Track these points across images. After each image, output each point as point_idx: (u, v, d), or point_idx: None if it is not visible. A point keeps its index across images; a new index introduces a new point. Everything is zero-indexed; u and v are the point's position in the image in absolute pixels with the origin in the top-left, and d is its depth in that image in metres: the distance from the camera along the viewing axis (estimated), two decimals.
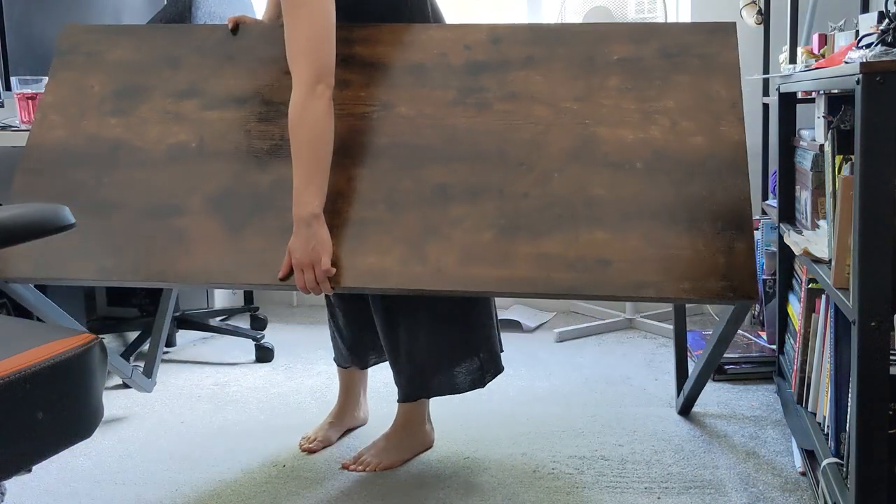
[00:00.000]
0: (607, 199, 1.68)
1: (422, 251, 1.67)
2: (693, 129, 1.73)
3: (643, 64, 1.81)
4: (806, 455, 1.83)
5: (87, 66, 1.98)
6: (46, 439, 1.04)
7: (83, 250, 1.77)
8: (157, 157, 1.85)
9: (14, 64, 2.50)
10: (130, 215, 1.80)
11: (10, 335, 1.13)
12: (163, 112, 1.90)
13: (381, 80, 1.86)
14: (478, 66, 1.85)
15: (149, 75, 1.95)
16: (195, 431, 2.20)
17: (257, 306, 3.38)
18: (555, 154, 1.73)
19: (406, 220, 1.71)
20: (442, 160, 1.76)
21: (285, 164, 1.78)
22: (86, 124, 1.91)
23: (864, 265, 1.30)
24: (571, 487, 1.83)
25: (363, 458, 1.96)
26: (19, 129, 2.37)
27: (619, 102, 1.78)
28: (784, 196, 2.19)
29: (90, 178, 1.85)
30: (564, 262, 1.62)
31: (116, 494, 1.86)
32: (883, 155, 1.28)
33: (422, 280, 1.64)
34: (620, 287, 1.60)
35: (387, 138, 1.79)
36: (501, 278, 1.62)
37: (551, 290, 1.60)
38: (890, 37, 1.48)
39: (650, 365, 2.63)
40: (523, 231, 1.67)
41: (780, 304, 2.27)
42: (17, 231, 1.07)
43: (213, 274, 1.71)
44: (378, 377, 2.52)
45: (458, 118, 1.80)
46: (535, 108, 1.79)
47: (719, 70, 1.79)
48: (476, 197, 1.71)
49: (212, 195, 1.79)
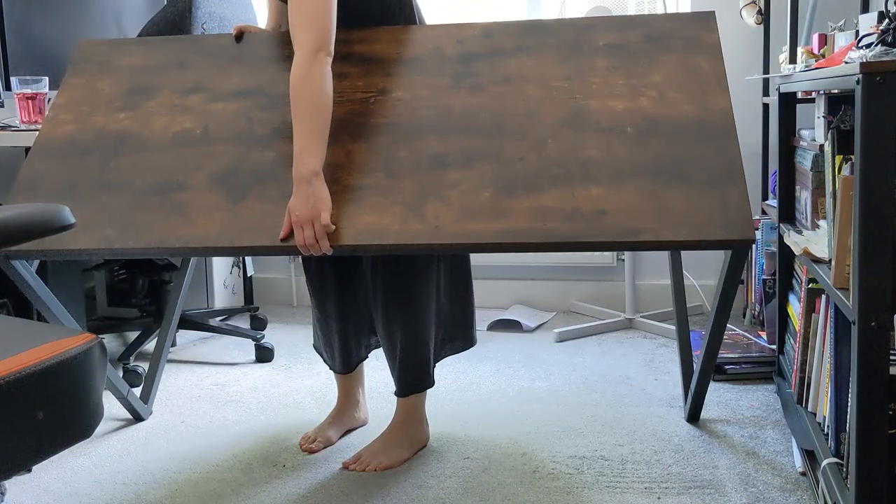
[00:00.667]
0: (601, 159, 1.72)
1: (420, 211, 1.69)
2: (681, 99, 1.80)
3: (629, 48, 1.90)
4: (806, 455, 1.83)
5: (98, 72, 2.05)
6: (46, 439, 1.04)
7: (86, 224, 1.80)
8: (162, 144, 1.90)
9: (14, 64, 2.50)
10: (134, 193, 1.83)
11: (10, 335, 1.13)
12: (170, 106, 1.96)
13: (378, 71, 1.92)
14: (471, 56, 1.93)
15: (157, 76, 2.02)
16: (195, 431, 2.20)
17: (257, 306, 3.38)
18: (548, 123, 1.79)
19: (403, 185, 1.73)
20: (438, 134, 1.80)
21: (287, 143, 1.82)
22: (95, 119, 1.96)
23: (864, 265, 1.30)
24: (571, 487, 1.83)
25: (363, 459, 1.96)
26: (19, 128, 2.36)
27: (607, 79, 1.85)
28: (784, 196, 2.19)
29: (96, 163, 1.89)
30: (561, 213, 1.65)
31: (116, 494, 1.86)
32: (883, 155, 1.28)
33: (420, 236, 1.66)
34: (617, 233, 1.61)
35: (384, 118, 1.84)
36: (499, 230, 1.64)
37: (549, 238, 1.62)
38: (890, 37, 1.48)
39: (650, 365, 2.63)
40: (520, 189, 1.69)
41: (780, 304, 2.27)
42: (17, 231, 1.07)
43: (214, 239, 1.73)
44: (378, 377, 2.52)
45: (454, 99, 1.86)
46: (527, 87, 1.86)
47: (702, 50, 1.88)
48: (472, 163, 1.75)
49: (214, 173, 1.82)
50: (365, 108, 1.86)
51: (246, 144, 1.87)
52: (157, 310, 2.89)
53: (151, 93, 1.99)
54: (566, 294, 3.35)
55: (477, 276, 3.40)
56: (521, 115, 1.81)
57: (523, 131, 1.78)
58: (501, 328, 3.10)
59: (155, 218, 1.78)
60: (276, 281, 3.63)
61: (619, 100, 1.81)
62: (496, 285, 3.39)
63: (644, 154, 1.72)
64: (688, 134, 1.74)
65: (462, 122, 1.81)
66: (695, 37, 1.90)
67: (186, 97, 1.96)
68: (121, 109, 1.97)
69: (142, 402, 2.31)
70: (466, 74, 1.89)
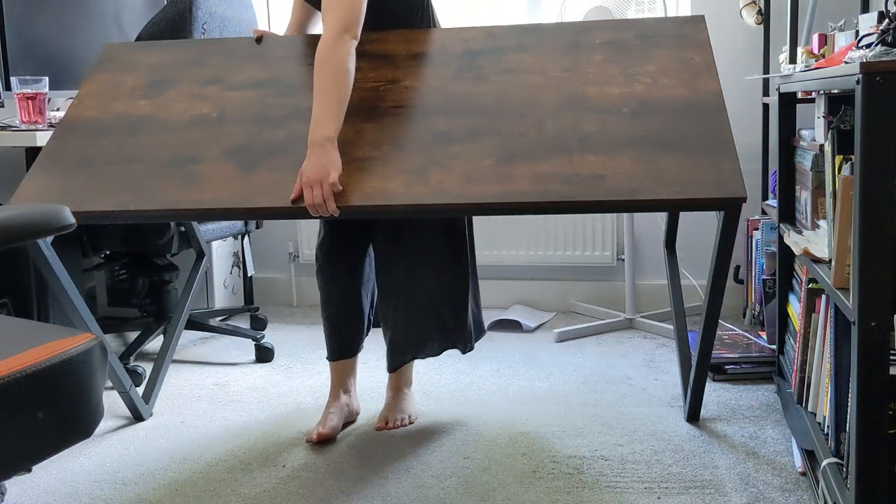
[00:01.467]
0: (598, 133, 1.82)
1: (424, 177, 1.78)
2: (673, 84, 1.92)
3: (624, 44, 2.04)
4: (806, 455, 1.83)
5: (121, 69, 2.18)
6: (46, 439, 1.04)
7: (104, 190, 1.89)
8: (180, 125, 2.00)
9: (14, 64, 2.50)
10: (151, 165, 1.92)
11: (10, 335, 1.13)
12: (188, 94, 2.07)
13: (388, 65, 2.06)
14: (475, 52, 2.07)
15: (177, 72, 2.14)
16: (195, 431, 2.21)
17: (257, 306, 3.38)
18: (547, 106, 1.90)
19: (409, 156, 1.83)
20: (443, 115, 1.91)
21: (301, 123, 1.93)
22: (116, 106, 2.08)
23: (864, 265, 1.30)
24: (571, 487, 1.83)
25: (396, 418, 2.15)
26: (19, 128, 2.36)
27: (603, 69, 1.98)
28: (784, 196, 2.19)
29: (116, 140, 2.00)
30: (560, 178, 1.73)
31: (116, 494, 1.86)
32: (883, 155, 1.28)
33: (424, 198, 1.74)
34: (614, 192, 1.69)
35: (392, 103, 1.96)
36: (500, 192, 1.71)
37: (548, 198, 1.69)
38: (890, 37, 1.48)
39: (650, 365, 2.63)
40: (520, 158, 1.78)
41: (780, 304, 2.27)
42: (17, 231, 1.07)
43: (225, 201, 1.81)
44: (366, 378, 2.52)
45: (458, 87, 1.98)
46: (529, 77, 1.98)
47: (693, 46, 2.01)
48: (475, 138, 1.84)
49: (228, 148, 1.92)
50: (375, 95, 1.97)
51: (259, 125, 1.96)
52: (158, 310, 2.89)
53: (171, 84, 2.10)
54: (566, 294, 3.35)
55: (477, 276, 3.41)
56: (522, 100, 1.91)
57: (523, 112, 1.88)
58: (501, 328, 3.10)
59: (170, 185, 1.85)
60: (276, 281, 3.63)
61: (615, 86, 1.92)
62: (496, 285, 3.39)
63: (639, 129, 1.81)
64: (680, 112, 1.84)
65: (466, 105, 1.92)
66: (686, 35, 2.03)
67: (204, 87, 2.07)
68: (141, 98, 2.08)
69: (143, 402, 2.31)
70: (470, 67, 2.01)
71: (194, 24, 2.47)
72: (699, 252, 3.22)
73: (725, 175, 1.69)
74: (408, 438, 2.11)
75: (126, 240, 2.58)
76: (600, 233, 3.24)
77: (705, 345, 2.00)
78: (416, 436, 2.13)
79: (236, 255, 3.47)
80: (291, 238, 3.58)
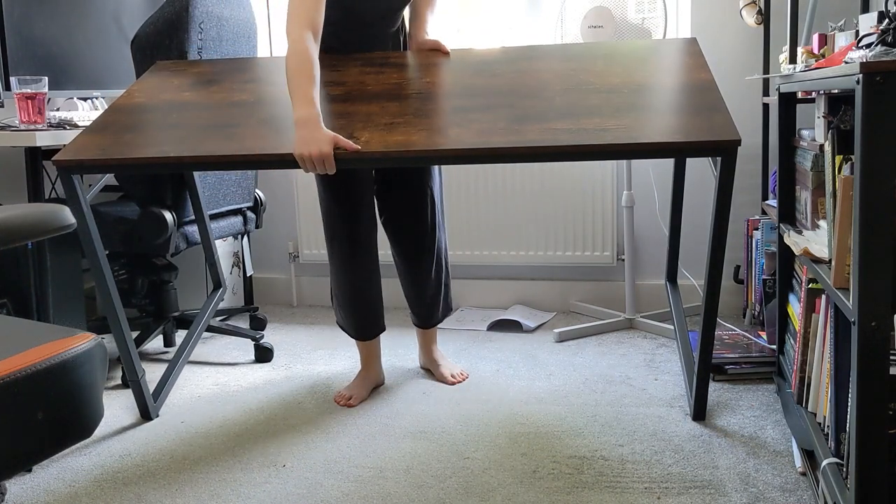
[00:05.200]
0: (602, 105, 2.04)
1: (444, 133, 1.98)
2: (670, 75, 2.18)
3: (623, 55, 2.33)
4: (806, 455, 1.83)
5: (170, 75, 2.43)
6: (46, 439, 1.04)
7: (146, 144, 2.07)
8: (221, 106, 2.23)
9: (14, 64, 2.50)
10: (192, 130, 2.11)
11: (10, 335, 1.13)
12: (229, 89, 2.32)
13: (411, 70, 2.32)
14: (490, 61, 2.37)
15: (220, 75, 2.41)
16: (195, 431, 2.20)
17: (257, 306, 3.38)
18: (556, 90, 2.15)
19: (430, 120, 2.05)
20: (462, 97, 2.16)
21: (327, 105, 2.15)
22: (163, 95, 2.31)
23: (864, 265, 1.30)
24: (571, 487, 1.83)
25: (453, 373, 2.53)
26: (19, 129, 2.36)
27: (606, 67, 2.27)
28: (784, 196, 2.19)
29: (161, 115, 2.21)
30: (568, 132, 1.93)
31: (116, 494, 1.86)
32: (883, 155, 1.28)
33: (443, 146, 1.92)
34: (617, 138, 1.87)
35: (415, 91, 2.20)
36: (513, 141, 1.90)
37: (556, 143, 1.88)
38: (890, 37, 1.48)
39: (650, 365, 2.63)
40: (531, 121, 2.00)
41: (780, 304, 2.27)
42: (17, 231, 1.07)
43: (259, 149, 1.98)
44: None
45: (476, 80, 2.25)
46: (539, 74, 2.26)
47: (687, 55, 2.30)
48: (490, 110, 2.07)
49: (263, 118, 2.14)
50: (398, 87, 2.22)
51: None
52: (157, 310, 2.89)
53: (214, 83, 2.36)
54: (566, 294, 3.35)
55: (477, 276, 3.42)
56: (533, 87, 2.18)
57: (534, 94, 2.13)
58: (501, 328, 3.10)
59: (208, 139, 2.05)
60: (276, 281, 3.63)
61: (616, 77, 2.20)
62: (496, 285, 3.39)
63: (639, 101, 2.04)
64: (676, 90, 2.09)
65: (482, 91, 2.18)
66: (680, 49, 2.34)
67: (245, 84, 2.34)
68: (187, 90, 2.32)
69: (152, 399, 2.34)
70: (487, 71, 2.29)
71: (191, 24, 2.47)
72: (699, 252, 3.22)
73: (719, 125, 1.88)
74: (408, 438, 2.11)
75: (125, 240, 2.58)
76: (600, 233, 3.24)
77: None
78: (417, 436, 2.13)
79: (236, 255, 3.47)
80: (291, 238, 3.58)
